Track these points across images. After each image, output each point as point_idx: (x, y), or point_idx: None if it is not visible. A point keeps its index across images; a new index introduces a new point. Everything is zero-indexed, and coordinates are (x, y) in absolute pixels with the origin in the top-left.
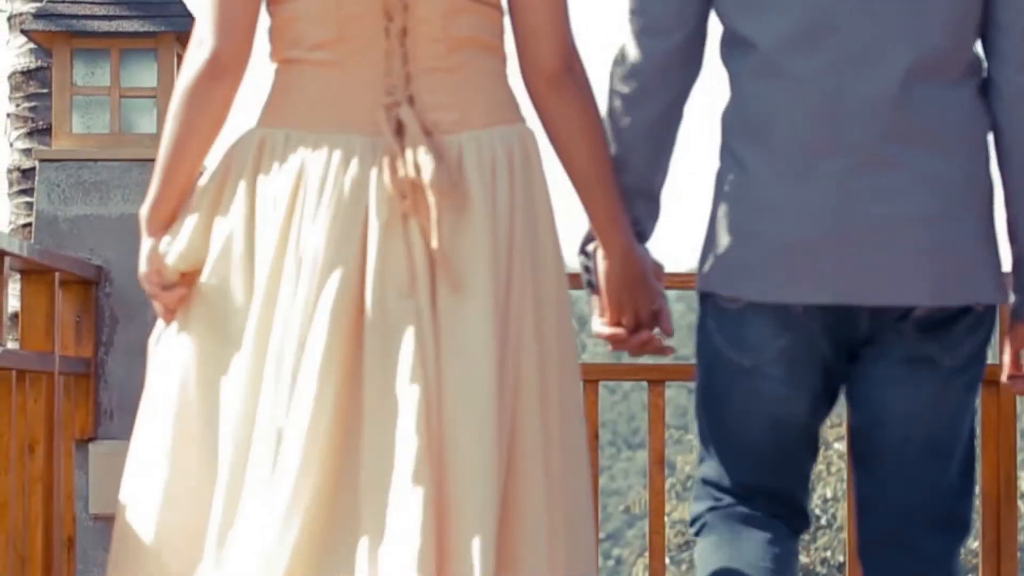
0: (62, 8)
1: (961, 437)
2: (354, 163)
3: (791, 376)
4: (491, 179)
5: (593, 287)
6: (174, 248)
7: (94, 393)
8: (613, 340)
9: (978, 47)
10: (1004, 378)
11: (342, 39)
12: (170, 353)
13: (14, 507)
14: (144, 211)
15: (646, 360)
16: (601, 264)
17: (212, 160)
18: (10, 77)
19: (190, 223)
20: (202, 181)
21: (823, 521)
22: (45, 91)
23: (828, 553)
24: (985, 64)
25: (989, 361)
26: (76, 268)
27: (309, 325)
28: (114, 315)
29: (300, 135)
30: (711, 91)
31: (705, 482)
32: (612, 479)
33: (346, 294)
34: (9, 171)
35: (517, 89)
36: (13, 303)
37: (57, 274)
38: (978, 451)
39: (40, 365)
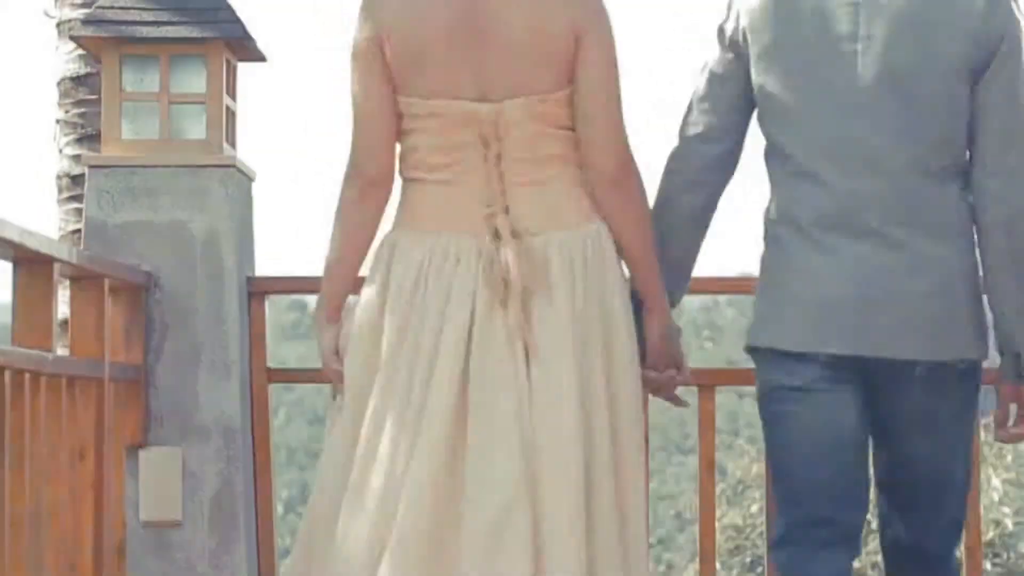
0: (111, 14)
1: (961, 459)
2: (464, 260)
3: (833, 387)
4: (570, 272)
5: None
6: (343, 332)
7: (144, 399)
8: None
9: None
10: (993, 435)
11: (451, 164)
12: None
13: (64, 514)
14: (317, 307)
15: (696, 365)
16: (646, 322)
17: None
18: (59, 83)
19: (352, 307)
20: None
21: (874, 526)
22: (94, 97)
23: (878, 557)
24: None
25: None
26: (125, 274)
27: (428, 385)
28: (163, 321)
29: (421, 234)
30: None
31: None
32: (663, 484)
33: (455, 365)
34: (58, 177)
35: None
36: (63, 309)
37: (107, 280)
38: None
39: (90, 371)
